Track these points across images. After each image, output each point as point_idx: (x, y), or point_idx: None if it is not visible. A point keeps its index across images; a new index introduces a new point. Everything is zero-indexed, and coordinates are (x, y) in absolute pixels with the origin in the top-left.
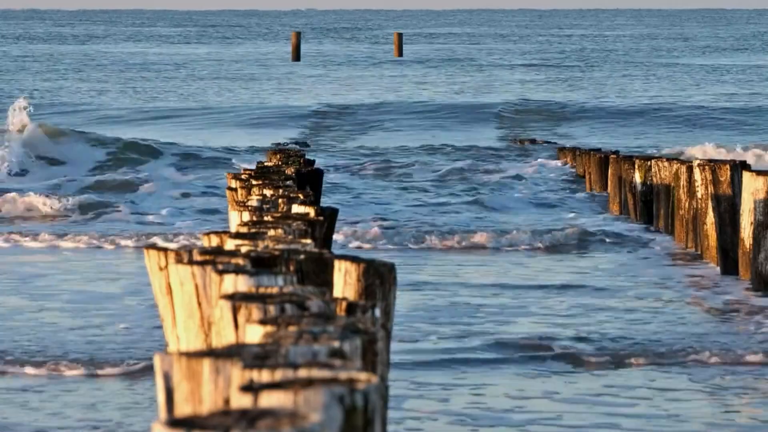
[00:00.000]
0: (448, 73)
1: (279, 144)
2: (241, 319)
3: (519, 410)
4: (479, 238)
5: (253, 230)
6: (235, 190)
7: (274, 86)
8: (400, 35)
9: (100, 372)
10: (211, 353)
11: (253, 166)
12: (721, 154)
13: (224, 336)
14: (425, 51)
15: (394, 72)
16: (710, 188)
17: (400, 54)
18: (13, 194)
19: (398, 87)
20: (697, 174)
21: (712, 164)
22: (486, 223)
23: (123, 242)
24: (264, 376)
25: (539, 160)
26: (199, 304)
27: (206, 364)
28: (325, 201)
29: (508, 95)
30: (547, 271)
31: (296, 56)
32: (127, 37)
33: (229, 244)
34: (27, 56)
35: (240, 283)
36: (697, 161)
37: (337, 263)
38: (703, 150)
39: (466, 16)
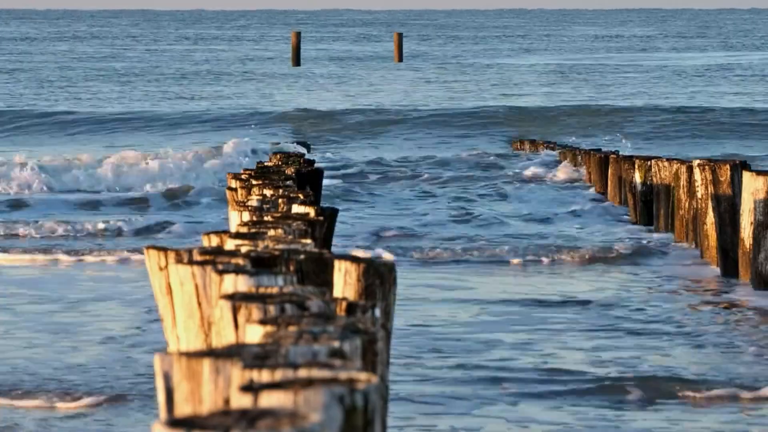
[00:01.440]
0: (452, 75)
1: (277, 144)
2: (241, 319)
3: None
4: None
5: (253, 230)
6: (235, 190)
7: (274, 89)
8: (400, 35)
9: None
10: (211, 353)
11: None
12: None
13: (224, 336)
14: (428, 51)
15: (397, 75)
16: (710, 188)
17: (401, 56)
18: None
19: (402, 91)
20: (697, 174)
21: (712, 164)
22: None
23: None
24: (264, 376)
25: (550, 169)
26: (199, 304)
27: (206, 364)
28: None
29: (516, 98)
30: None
31: (296, 59)
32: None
33: (229, 244)
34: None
35: (240, 283)
36: (697, 161)
37: (337, 263)
38: None
39: (471, 16)
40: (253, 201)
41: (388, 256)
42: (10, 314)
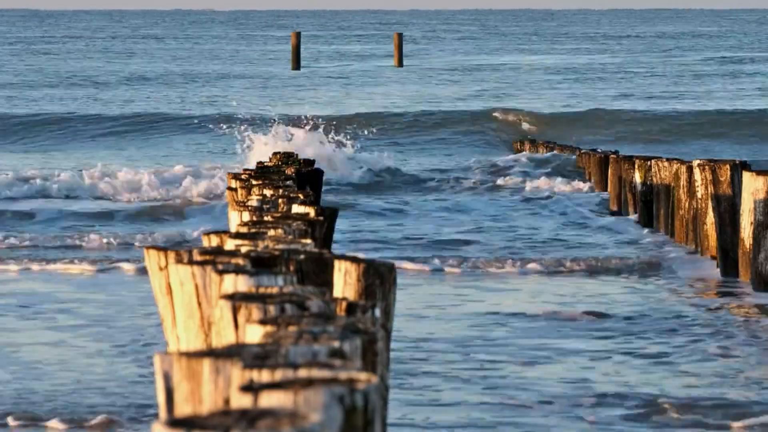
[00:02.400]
0: (458, 78)
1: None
2: (241, 319)
3: None
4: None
5: (253, 230)
6: (235, 190)
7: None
8: (400, 36)
9: None
10: (211, 353)
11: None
12: None
13: (224, 336)
14: (431, 51)
15: (398, 77)
16: (710, 188)
17: (401, 57)
18: None
19: (403, 93)
20: (697, 174)
21: (712, 164)
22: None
23: None
24: (264, 376)
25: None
26: (199, 304)
27: (206, 364)
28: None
29: (525, 101)
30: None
31: (296, 60)
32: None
33: (229, 244)
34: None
35: (240, 283)
36: (697, 161)
37: (337, 263)
38: None
39: (474, 16)
40: (253, 201)
41: (453, 270)
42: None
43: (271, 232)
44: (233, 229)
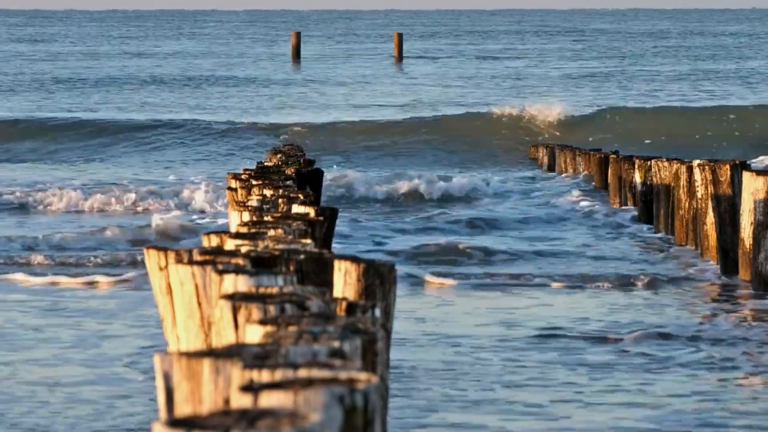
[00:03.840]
0: (457, 78)
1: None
2: (241, 319)
3: None
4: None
5: (253, 230)
6: (235, 190)
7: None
8: (400, 36)
9: None
10: (211, 353)
11: None
12: None
13: (224, 336)
14: (433, 50)
15: (398, 79)
16: (710, 188)
17: (401, 58)
18: None
19: (405, 97)
20: (697, 174)
21: (712, 164)
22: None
23: None
24: (264, 376)
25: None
26: (199, 304)
27: (206, 364)
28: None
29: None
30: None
31: (296, 61)
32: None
33: (229, 244)
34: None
35: (240, 283)
36: (697, 161)
37: (337, 263)
38: None
39: (474, 16)
40: (253, 201)
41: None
42: None
43: (271, 232)
44: (233, 229)
